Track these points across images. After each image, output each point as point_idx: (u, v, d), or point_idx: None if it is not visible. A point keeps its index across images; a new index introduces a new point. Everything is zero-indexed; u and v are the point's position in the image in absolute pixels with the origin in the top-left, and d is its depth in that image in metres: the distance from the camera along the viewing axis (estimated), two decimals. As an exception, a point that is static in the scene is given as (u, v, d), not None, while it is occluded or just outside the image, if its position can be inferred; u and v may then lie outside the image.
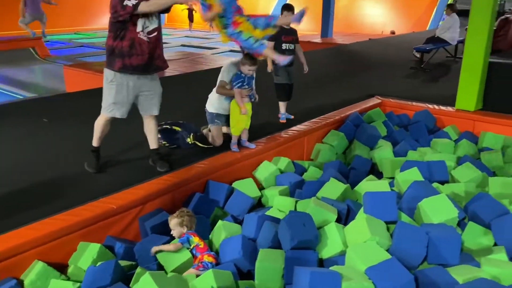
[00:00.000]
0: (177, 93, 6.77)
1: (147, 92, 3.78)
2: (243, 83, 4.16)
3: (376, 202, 3.13)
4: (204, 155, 4.27)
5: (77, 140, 4.64)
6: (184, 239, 3.11)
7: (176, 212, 3.20)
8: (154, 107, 3.86)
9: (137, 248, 3.21)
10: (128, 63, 3.57)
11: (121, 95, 3.66)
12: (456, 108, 5.73)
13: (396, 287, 2.37)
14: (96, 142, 3.88)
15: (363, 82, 7.56)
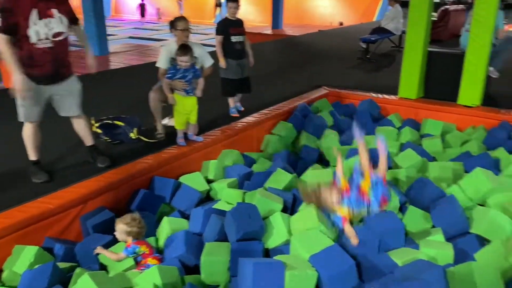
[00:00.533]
0: (122, 87, 6.58)
1: (61, 93, 3.52)
2: (174, 75, 4.03)
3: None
4: (149, 150, 4.16)
5: (11, 138, 4.38)
6: (130, 251, 2.92)
7: (127, 218, 2.98)
8: (72, 107, 3.62)
9: (78, 248, 3.08)
10: (30, 72, 3.27)
11: (33, 99, 3.35)
12: (399, 97, 5.92)
13: (338, 273, 2.41)
14: (33, 155, 3.57)
15: (312, 73, 7.65)
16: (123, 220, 2.99)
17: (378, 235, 2.75)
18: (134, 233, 2.95)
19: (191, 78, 4.11)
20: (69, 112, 3.63)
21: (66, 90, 3.54)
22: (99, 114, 4.56)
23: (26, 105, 3.37)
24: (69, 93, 3.56)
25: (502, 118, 5.12)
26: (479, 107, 5.39)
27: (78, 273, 2.68)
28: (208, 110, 5.37)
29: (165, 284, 2.54)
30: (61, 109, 3.61)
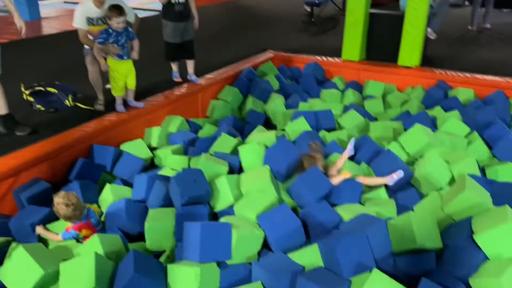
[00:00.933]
0: (55, 53, 6.16)
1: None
2: (107, 40, 3.76)
3: (274, 154, 3.13)
4: (87, 118, 3.94)
5: None
6: (70, 237, 2.72)
7: (62, 198, 2.63)
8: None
9: (13, 222, 2.90)
10: None
11: None
12: (343, 59, 5.97)
13: (285, 233, 2.42)
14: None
15: (257, 37, 7.53)
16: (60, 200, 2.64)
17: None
18: (69, 217, 2.67)
19: (125, 41, 3.88)
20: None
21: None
22: (30, 83, 4.24)
23: None
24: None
25: (439, 78, 5.31)
26: (418, 67, 5.56)
27: (13, 246, 2.53)
28: (150, 75, 5.17)
29: (108, 252, 2.45)
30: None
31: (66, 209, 2.61)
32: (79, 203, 2.69)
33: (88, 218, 2.80)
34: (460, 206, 2.56)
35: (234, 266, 2.37)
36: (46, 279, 2.25)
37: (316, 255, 2.37)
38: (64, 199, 2.62)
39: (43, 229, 2.82)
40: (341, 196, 2.94)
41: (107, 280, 2.26)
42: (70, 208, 2.62)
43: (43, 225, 2.86)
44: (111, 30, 3.77)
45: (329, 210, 2.68)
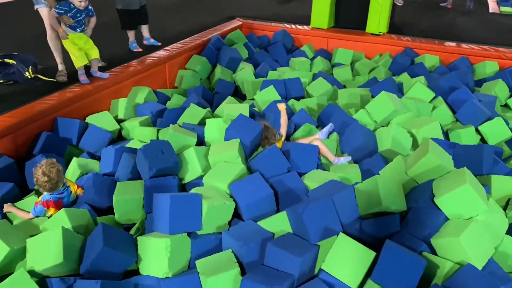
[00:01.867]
0: (12, 22, 5.86)
1: None
2: (66, 13, 3.67)
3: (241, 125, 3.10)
4: (49, 90, 3.80)
5: None
6: (38, 212, 2.67)
7: (45, 167, 2.59)
8: None
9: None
10: None
11: None
12: (311, 27, 5.93)
13: (256, 201, 2.44)
14: None
15: (224, 4, 7.37)
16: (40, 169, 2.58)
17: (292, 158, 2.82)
18: (42, 187, 2.62)
19: (84, 18, 3.82)
20: None
21: None
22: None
23: None
24: None
25: (406, 44, 5.36)
26: (385, 35, 5.58)
27: (-24, 224, 2.46)
28: (114, 44, 5.01)
29: (75, 226, 2.42)
30: None
31: (43, 180, 2.56)
32: (59, 178, 2.63)
33: (60, 198, 2.74)
34: (422, 169, 2.64)
35: (205, 236, 2.38)
36: (13, 255, 2.21)
37: (285, 222, 2.40)
38: (46, 169, 2.57)
39: (12, 207, 2.74)
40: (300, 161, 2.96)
41: (76, 254, 2.24)
42: (48, 181, 2.57)
43: (11, 202, 2.79)
44: (72, 6, 3.68)
45: (297, 179, 2.71)
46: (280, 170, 2.76)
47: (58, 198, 2.73)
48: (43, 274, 2.17)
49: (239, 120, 2.99)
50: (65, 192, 2.77)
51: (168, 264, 2.22)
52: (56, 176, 2.61)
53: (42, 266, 2.13)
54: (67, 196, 2.79)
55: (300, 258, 2.16)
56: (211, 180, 2.64)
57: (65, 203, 2.79)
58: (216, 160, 2.82)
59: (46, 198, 2.68)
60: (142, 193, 2.70)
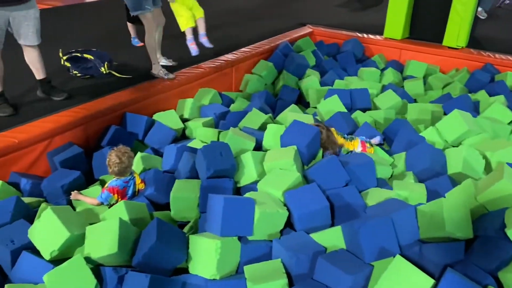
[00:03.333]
0: (91, 20, 6.24)
1: (21, 19, 3.27)
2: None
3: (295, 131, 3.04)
4: (121, 86, 3.99)
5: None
6: (105, 198, 2.80)
7: (120, 152, 2.78)
8: (29, 35, 3.35)
9: (45, 184, 3.00)
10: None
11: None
12: (384, 37, 5.73)
13: (310, 212, 2.37)
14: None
15: (295, 11, 7.35)
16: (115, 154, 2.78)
17: (351, 172, 2.71)
18: (114, 171, 2.80)
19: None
20: (26, 40, 3.38)
21: (25, 16, 3.29)
22: (67, 48, 4.30)
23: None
24: (26, 19, 3.31)
25: (487, 60, 5.02)
26: (463, 49, 5.26)
27: (43, 207, 2.61)
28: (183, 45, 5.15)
29: (133, 219, 2.49)
30: (20, 36, 3.35)
31: (114, 161, 2.75)
32: (129, 164, 2.82)
33: (125, 187, 2.87)
34: (495, 196, 2.42)
35: (255, 242, 2.35)
36: (72, 241, 2.31)
37: (339, 237, 2.32)
38: (120, 152, 2.77)
39: (79, 194, 2.87)
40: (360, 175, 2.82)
41: (130, 245, 2.29)
42: (119, 163, 2.76)
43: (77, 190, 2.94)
44: None
45: (356, 194, 2.60)
46: (338, 183, 2.66)
47: (124, 186, 2.86)
48: (98, 262, 2.25)
49: (294, 126, 2.92)
50: (130, 182, 2.90)
51: (217, 266, 2.22)
52: (126, 161, 2.79)
53: (98, 254, 2.21)
54: (132, 186, 2.90)
55: (352, 276, 2.06)
56: (266, 186, 2.61)
57: (129, 194, 2.90)
58: (272, 166, 2.78)
59: (113, 184, 2.82)
60: (198, 192, 2.73)
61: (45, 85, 3.63)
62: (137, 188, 2.96)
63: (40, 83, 3.63)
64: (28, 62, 3.54)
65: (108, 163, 2.79)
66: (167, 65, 4.47)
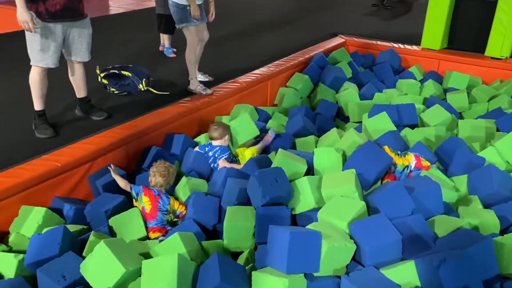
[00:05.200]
0: (122, 34, 6.15)
1: (75, 35, 3.21)
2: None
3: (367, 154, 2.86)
4: (159, 103, 3.87)
5: (12, 88, 4.07)
6: (136, 190, 2.87)
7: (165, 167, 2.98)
8: (81, 51, 3.29)
9: (88, 209, 2.88)
10: (43, 9, 2.99)
11: (48, 39, 3.06)
12: (422, 47, 5.55)
13: (382, 246, 2.20)
14: (39, 104, 3.26)
15: (323, 20, 7.19)
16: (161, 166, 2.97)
17: (416, 199, 2.53)
18: (156, 183, 2.92)
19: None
20: (77, 57, 3.30)
21: (78, 32, 3.22)
22: (100, 64, 4.20)
23: (36, 45, 3.04)
24: (80, 35, 3.24)
25: (533, 71, 4.80)
26: (508, 59, 5.05)
27: (93, 240, 2.47)
28: (218, 60, 5.04)
29: (188, 251, 2.35)
30: (71, 52, 3.27)
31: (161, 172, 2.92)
32: (171, 181, 2.98)
33: (159, 195, 2.86)
34: None
35: (321, 279, 2.19)
36: (127, 276, 2.18)
37: (412, 273, 2.14)
38: (167, 165, 2.98)
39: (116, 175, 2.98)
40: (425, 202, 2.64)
41: (189, 282, 2.15)
42: (163, 178, 2.91)
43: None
44: None
45: (424, 224, 2.42)
46: (404, 211, 2.48)
47: (157, 194, 2.83)
48: (155, 300, 2.11)
49: (366, 148, 2.73)
50: (164, 197, 2.84)
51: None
52: (171, 177, 2.98)
53: (156, 292, 2.07)
54: (164, 201, 2.84)
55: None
56: (328, 216, 2.44)
57: (160, 207, 2.82)
58: (331, 193, 2.61)
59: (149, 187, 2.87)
60: (253, 220, 2.58)
61: (84, 104, 3.53)
62: (171, 211, 2.90)
63: (80, 102, 3.53)
64: (72, 79, 3.45)
65: (153, 170, 2.93)
66: (204, 81, 4.34)
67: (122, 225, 2.71)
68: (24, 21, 2.89)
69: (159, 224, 2.79)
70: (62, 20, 3.07)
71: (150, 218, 2.79)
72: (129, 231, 2.69)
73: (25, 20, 2.88)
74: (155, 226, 2.78)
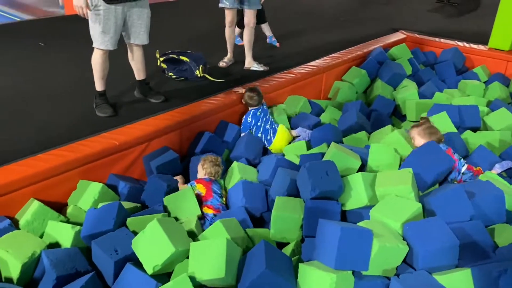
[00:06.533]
0: (181, 20, 6.25)
1: (135, 17, 3.27)
2: None
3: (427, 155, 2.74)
4: (214, 89, 3.90)
5: (76, 67, 4.26)
6: (191, 184, 2.92)
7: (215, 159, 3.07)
8: (141, 34, 3.36)
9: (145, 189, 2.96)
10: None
11: (109, 21, 3.14)
12: (489, 47, 5.24)
13: (437, 249, 2.10)
14: (100, 85, 3.38)
15: (386, 15, 6.97)
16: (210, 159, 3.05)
17: (477, 205, 2.40)
18: (207, 172, 3.00)
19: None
20: (136, 39, 3.37)
21: (139, 15, 3.29)
22: (160, 48, 4.29)
23: (98, 28, 3.14)
24: (139, 18, 3.30)
25: None
26: None
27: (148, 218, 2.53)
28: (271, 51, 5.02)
29: (233, 238, 2.36)
30: (130, 35, 3.35)
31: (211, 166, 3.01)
32: (219, 170, 3.04)
33: (211, 181, 2.93)
34: None
35: (370, 278, 2.13)
36: (175, 256, 2.22)
37: (468, 281, 2.03)
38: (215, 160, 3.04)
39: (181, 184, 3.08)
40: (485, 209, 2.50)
41: (235, 268, 2.16)
42: (214, 167, 3.00)
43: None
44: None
45: (483, 231, 2.29)
46: (462, 216, 2.36)
47: (209, 180, 2.91)
48: (201, 283, 2.13)
49: (426, 148, 2.62)
50: (215, 183, 2.94)
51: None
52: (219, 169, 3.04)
53: (203, 276, 2.09)
54: (217, 186, 2.93)
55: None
56: (381, 215, 2.36)
57: (214, 189, 2.89)
58: (385, 192, 2.53)
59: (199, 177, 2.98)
60: (301, 212, 2.55)
61: (143, 86, 3.62)
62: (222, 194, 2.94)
63: (139, 84, 3.63)
64: (132, 62, 3.54)
65: (202, 164, 3.02)
66: (258, 70, 4.34)
67: (177, 204, 2.77)
68: (79, 6, 2.98)
69: (215, 203, 2.84)
70: (123, 1, 3.14)
71: (207, 198, 2.86)
72: (183, 209, 2.74)
73: (80, 6, 2.97)
74: (210, 204, 2.83)
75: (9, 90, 3.76)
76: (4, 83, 3.89)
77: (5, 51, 4.73)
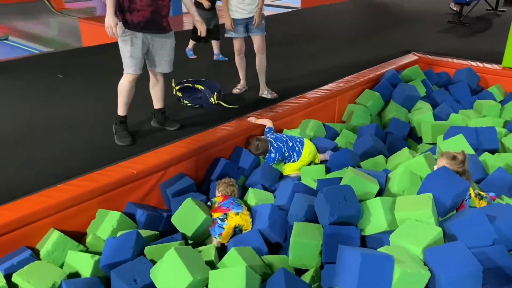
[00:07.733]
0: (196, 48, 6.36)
1: (158, 46, 3.37)
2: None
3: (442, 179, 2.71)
4: (229, 116, 3.95)
5: (94, 97, 4.36)
6: (217, 231, 2.87)
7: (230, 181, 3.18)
8: (165, 63, 3.46)
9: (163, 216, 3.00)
10: (129, 19, 3.19)
11: (134, 46, 3.24)
12: (503, 66, 5.22)
13: (459, 276, 2.06)
14: (122, 110, 3.44)
15: (397, 37, 7.01)
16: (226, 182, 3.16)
17: (498, 229, 2.35)
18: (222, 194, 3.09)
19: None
20: (159, 68, 3.46)
21: (162, 44, 3.38)
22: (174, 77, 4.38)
23: (126, 52, 3.24)
24: (162, 47, 3.39)
25: None
26: None
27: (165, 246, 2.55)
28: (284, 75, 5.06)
29: (251, 266, 2.34)
30: (152, 63, 3.43)
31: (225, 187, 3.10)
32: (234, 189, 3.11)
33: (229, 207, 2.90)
34: None
35: (392, 305, 2.08)
36: (193, 285, 2.21)
37: (493, 308, 1.98)
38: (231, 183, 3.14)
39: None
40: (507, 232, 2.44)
41: (255, 295, 2.15)
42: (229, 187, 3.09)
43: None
44: None
45: (506, 256, 2.24)
46: (484, 241, 2.32)
47: (228, 206, 2.89)
48: (221, 311, 2.12)
49: (440, 172, 2.61)
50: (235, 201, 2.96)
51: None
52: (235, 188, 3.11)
53: (223, 304, 2.08)
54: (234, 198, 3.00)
55: None
56: (401, 240, 2.33)
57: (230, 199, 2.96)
58: (405, 217, 2.50)
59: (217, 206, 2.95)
60: (320, 238, 2.53)
61: (160, 115, 3.69)
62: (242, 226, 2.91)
63: (156, 113, 3.69)
64: (152, 90, 3.63)
65: (218, 184, 3.14)
66: (267, 98, 4.39)
67: (182, 218, 2.84)
68: (109, 26, 3.10)
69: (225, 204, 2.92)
70: (144, 31, 3.24)
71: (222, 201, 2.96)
72: (189, 220, 2.82)
73: (110, 26, 3.09)
74: (220, 206, 2.91)
75: (30, 122, 3.85)
76: (25, 115, 4.00)
77: (26, 83, 4.87)
